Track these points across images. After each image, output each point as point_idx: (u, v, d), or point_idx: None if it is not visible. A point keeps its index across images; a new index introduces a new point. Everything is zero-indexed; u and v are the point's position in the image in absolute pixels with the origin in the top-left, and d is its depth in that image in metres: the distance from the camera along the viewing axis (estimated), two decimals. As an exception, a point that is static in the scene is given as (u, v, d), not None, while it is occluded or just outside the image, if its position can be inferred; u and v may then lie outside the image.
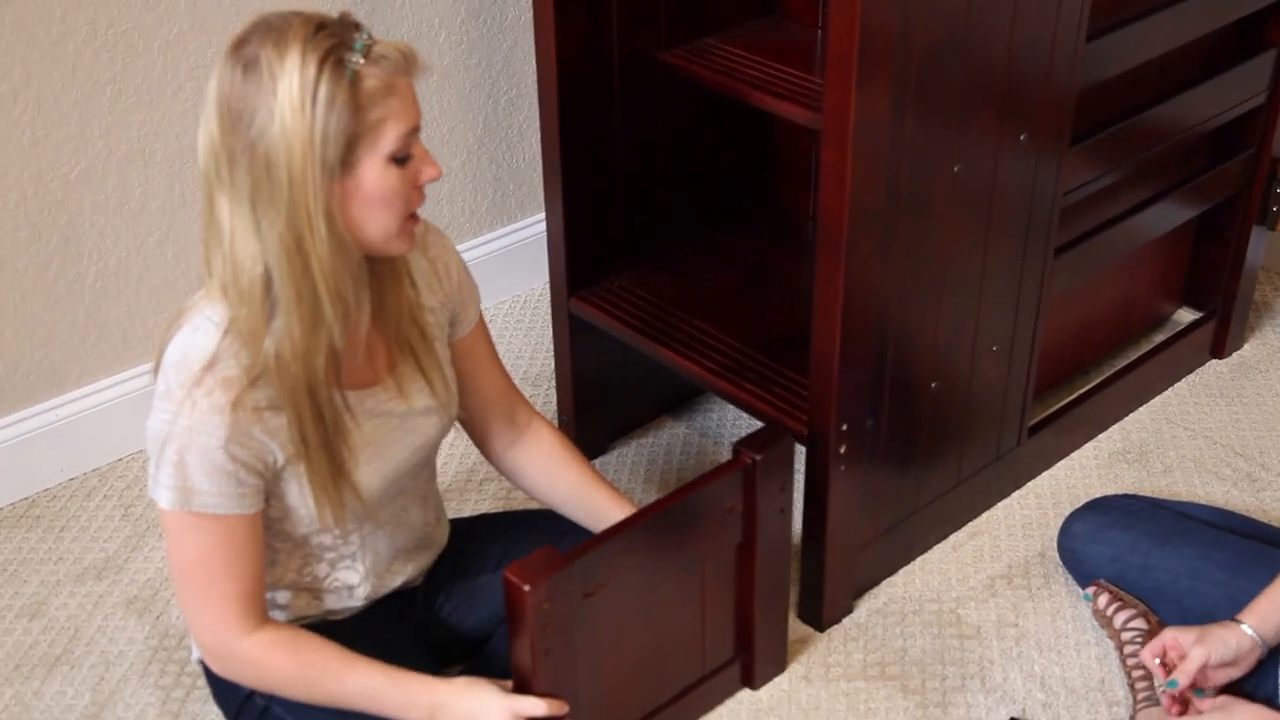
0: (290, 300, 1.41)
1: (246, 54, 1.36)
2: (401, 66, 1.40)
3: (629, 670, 1.70)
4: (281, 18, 1.38)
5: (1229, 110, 2.24)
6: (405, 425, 1.59)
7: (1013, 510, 2.19)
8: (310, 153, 1.35)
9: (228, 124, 1.37)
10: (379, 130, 1.39)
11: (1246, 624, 1.69)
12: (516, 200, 2.69)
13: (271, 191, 1.37)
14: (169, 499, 1.45)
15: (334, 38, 1.36)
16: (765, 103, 1.84)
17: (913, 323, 1.85)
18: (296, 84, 1.34)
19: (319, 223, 1.38)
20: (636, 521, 1.63)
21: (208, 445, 1.43)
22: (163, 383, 1.45)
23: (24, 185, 2.08)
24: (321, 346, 1.44)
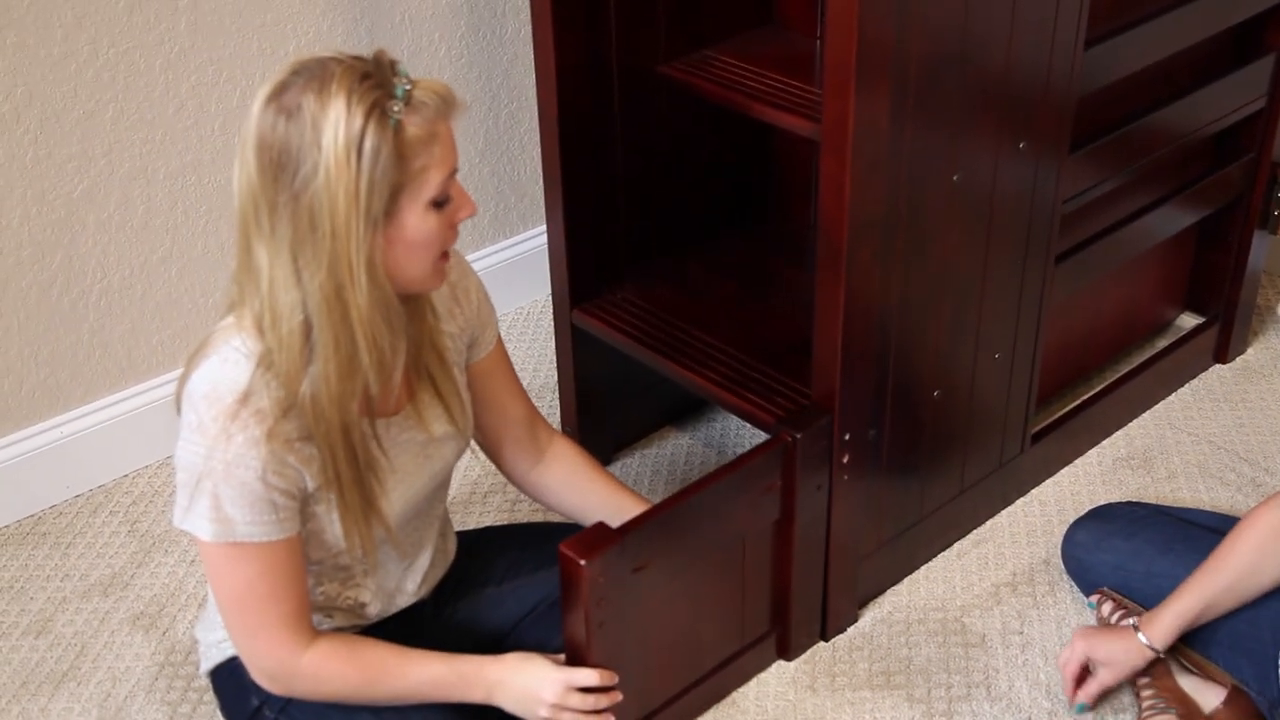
0: (328, 347, 1.41)
1: (287, 102, 1.35)
2: (442, 111, 1.40)
3: (672, 642, 1.77)
4: (321, 65, 1.37)
5: (1229, 115, 2.24)
6: (426, 452, 1.60)
7: (1016, 518, 2.19)
8: (355, 206, 1.35)
9: (269, 174, 1.36)
10: (422, 179, 1.40)
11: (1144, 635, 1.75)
12: (518, 213, 2.69)
13: (314, 243, 1.37)
14: (210, 531, 1.45)
15: (378, 88, 1.36)
16: (765, 114, 1.85)
17: (914, 331, 1.86)
18: (342, 136, 1.33)
19: (360, 274, 1.38)
20: (681, 499, 1.68)
21: (245, 478, 1.43)
22: (193, 415, 1.43)
23: (27, 204, 2.08)
24: (356, 391, 1.44)
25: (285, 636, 1.51)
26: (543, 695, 1.58)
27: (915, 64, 1.64)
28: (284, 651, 1.52)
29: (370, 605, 1.65)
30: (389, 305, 1.43)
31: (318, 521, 1.53)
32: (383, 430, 1.54)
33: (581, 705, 1.60)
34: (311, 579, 1.59)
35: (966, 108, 1.74)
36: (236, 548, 1.46)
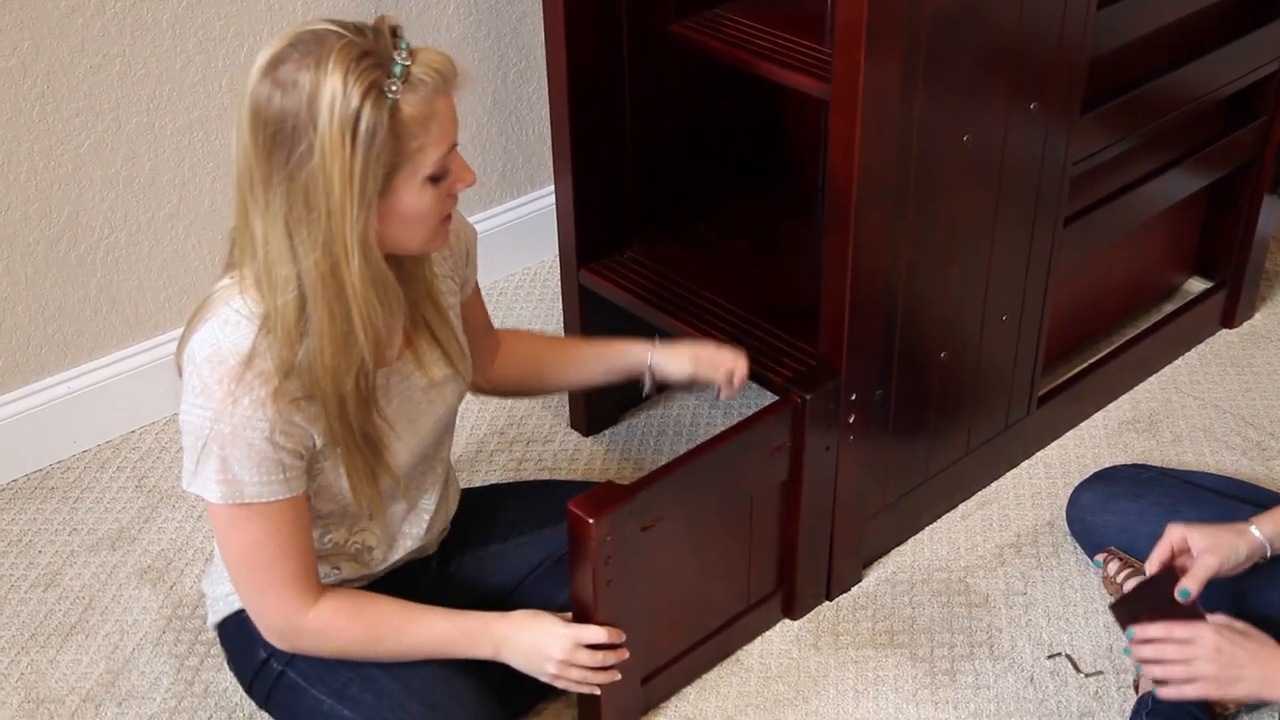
0: (323, 323, 1.41)
1: (283, 76, 1.34)
2: (440, 87, 1.39)
3: (679, 601, 1.78)
4: (318, 38, 1.35)
5: (1241, 78, 2.22)
6: (428, 397, 1.61)
7: (1022, 480, 2.20)
8: (350, 186, 1.35)
9: (264, 148, 1.36)
10: (418, 157, 1.39)
11: (1259, 529, 1.65)
12: (526, 173, 2.69)
13: (310, 222, 1.36)
14: (218, 493, 1.46)
15: (376, 67, 1.34)
16: (775, 73, 1.84)
17: (922, 293, 1.85)
18: (338, 116, 1.32)
19: (354, 253, 1.38)
20: (690, 459, 1.68)
21: (252, 440, 1.43)
22: (196, 378, 1.44)
23: (34, 159, 2.08)
24: (352, 365, 1.44)
25: (292, 594, 1.52)
26: (550, 652, 1.59)
27: (927, 23, 1.63)
28: (291, 609, 1.53)
29: (376, 549, 1.65)
30: (384, 283, 1.42)
31: (325, 476, 1.53)
32: (383, 379, 1.54)
33: (589, 662, 1.61)
34: (319, 528, 1.60)
35: (978, 68, 1.73)
36: (244, 508, 1.47)
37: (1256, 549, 1.66)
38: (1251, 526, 1.66)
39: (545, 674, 1.61)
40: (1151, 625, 1.57)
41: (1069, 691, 1.84)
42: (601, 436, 2.31)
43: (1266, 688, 1.52)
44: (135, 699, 1.86)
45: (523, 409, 2.36)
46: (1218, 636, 1.54)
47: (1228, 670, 1.53)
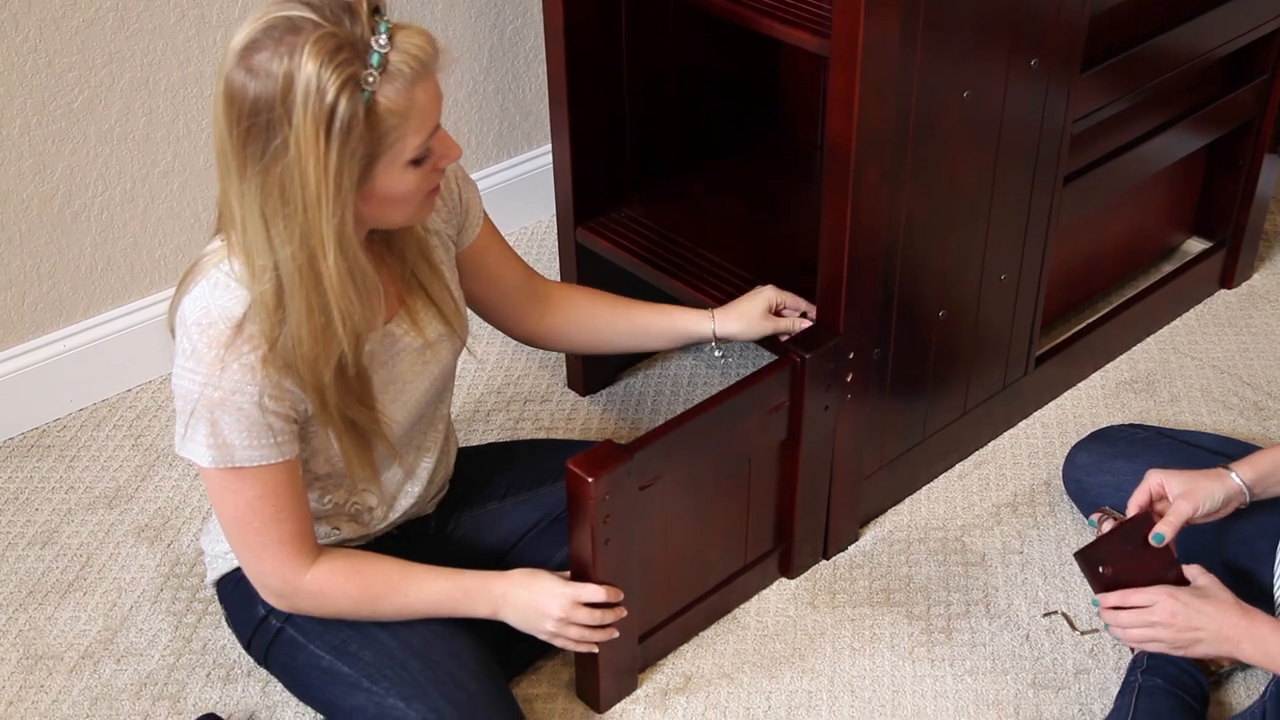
0: (300, 313, 1.40)
1: (257, 65, 1.32)
2: (419, 75, 1.36)
3: (677, 560, 1.78)
4: (293, 25, 1.31)
5: (1242, 36, 2.21)
6: (423, 357, 1.60)
7: (1019, 440, 2.20)
8: (325, 182, 1.33)
9: (238, 138, 1.34)
10: (397, 146, 1.38)
11: (1238, 474, 1.67)
12: (523, 131, 2.67)
13: (285, 215, 1.35)
14: (208, 458, 1.46)
15: (353, 60, 1.31)
16: (773, 29, 1.82)
17: (921, 251, 1.85)
18: (312, 112, 1.30)
19: (330, 247, 1.37)
20: (690, 418, 1.68)
21: (242, 404, 1.43)
22: (186, 342, 1.43)
23: (27, 114, 2.07)
24: (332, 357, 1.44)
25: (289, 555, 1.52)
26: (549, 609, 1.60)
27: (928, -22, 1.62)
28: (288, 570, 1.53)
29: (376, 509, 1.66)
30: (362, 275, 1.41)
31: (319, 440, 1.53)
32: (377, 341, 1.54)
33: (587, 620, 1.61)
34: (318, 489, 1.60)
35: (978, 23, 1.71)
36: (236, 472, 1.47)
37: (1235, 494, 1.68)
38: (1231, 473, 1.68)
39: (543, 632, 1.62)
40: (1110, 595, 1.60)
41: (1065, 649, 1.85)
42: (599, 396, 2.31)
43: (1224, 646, 1.55)
44: (133, 656, 1.87)
45: (520, 368, 2.36)
46: (1173, 601, 1.56)
47: (1185, 634, 1.56)
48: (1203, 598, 1.57)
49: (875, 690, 1.80)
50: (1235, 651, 1.56)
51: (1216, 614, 1.55)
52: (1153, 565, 1.63)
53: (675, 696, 1.80)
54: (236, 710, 1.79)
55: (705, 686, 1.81)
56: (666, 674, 1.83)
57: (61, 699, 1.81)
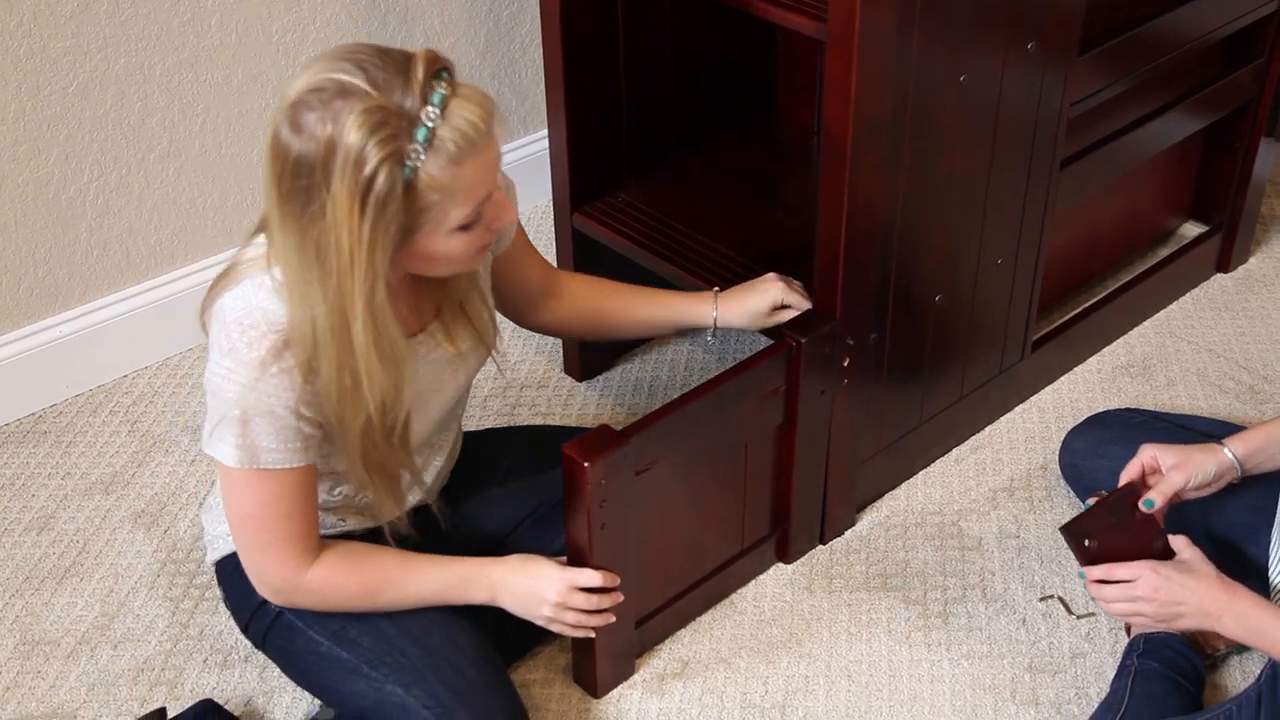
0: (331, 369, 1.41)
1: (304, 124, 1.31)
2: (467, 150, 1.34)
3: (674, 545, 1.79)
4: (344, 89, 1.30)
5: (1239, 18, 2.21)
6: (452, 366, 1.61)
7: (1015, 424, 2.20)
8: (358, 252, 1.33)
9: (280, 192, 1.34)
10: (438, 216, 1.37)
11: (1230, 449, 1.70)
12: (519, 116, 2.66)
13: (320, 274, 1.35)
14: (235, 458, 1.45)
15: (398, 135, 1.29)
16: (770, 13, 1.82)
17: (917, 236, 1.85)
18: (349, 183, 1.30)
19: (361, 315, 1.36)
20: (685, 402, 1.68)
21: (276, 409, 1.43)
22: (224, 339, 1.42)
23: (21, 99, 2.06)
24: (360, 413, 1.44)
25: (293, 554, 1.53)
26: (546, 594, 1.60)
27: (925, -38, 1.61)
28: (290, 569, 1.53)
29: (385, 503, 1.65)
30: (392, 345, 1.41)
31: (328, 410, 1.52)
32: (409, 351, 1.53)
33: (584, 605, 1.61)
34: (329, 481, 1.59)
35: (976, 7, 1.71)
36: (258, 473, 1.47)
37: (1227, 468, 1.70)
38: (1224, 447, 1.70)
39: (540, 617, 1.62)
40: (1095, 569, 1.61)
41: (1061, 633, 1.86)
42: (595, 382, 2.31)
43: (1206, 620, 1.56)
44: (130, 641, 1.87)
45: (516, 354, 2.36)
46: (1156, 576, 1.57)
47: (1167, 608, 1.57)
48: (1186, 572, 1.58)
49: (872, 675, 1.81)
50: (1216, 625, 1.56)
51: (1199, 588, 1.56)
52: (1139, 537, 1.64)
53: (672, 681, 1.81)
54: (234, 695, 1.79)
55: (702, 671, 1.82)
56: (663, 659, 1.84)
57: (59, 684, 1.81)
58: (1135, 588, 1.58)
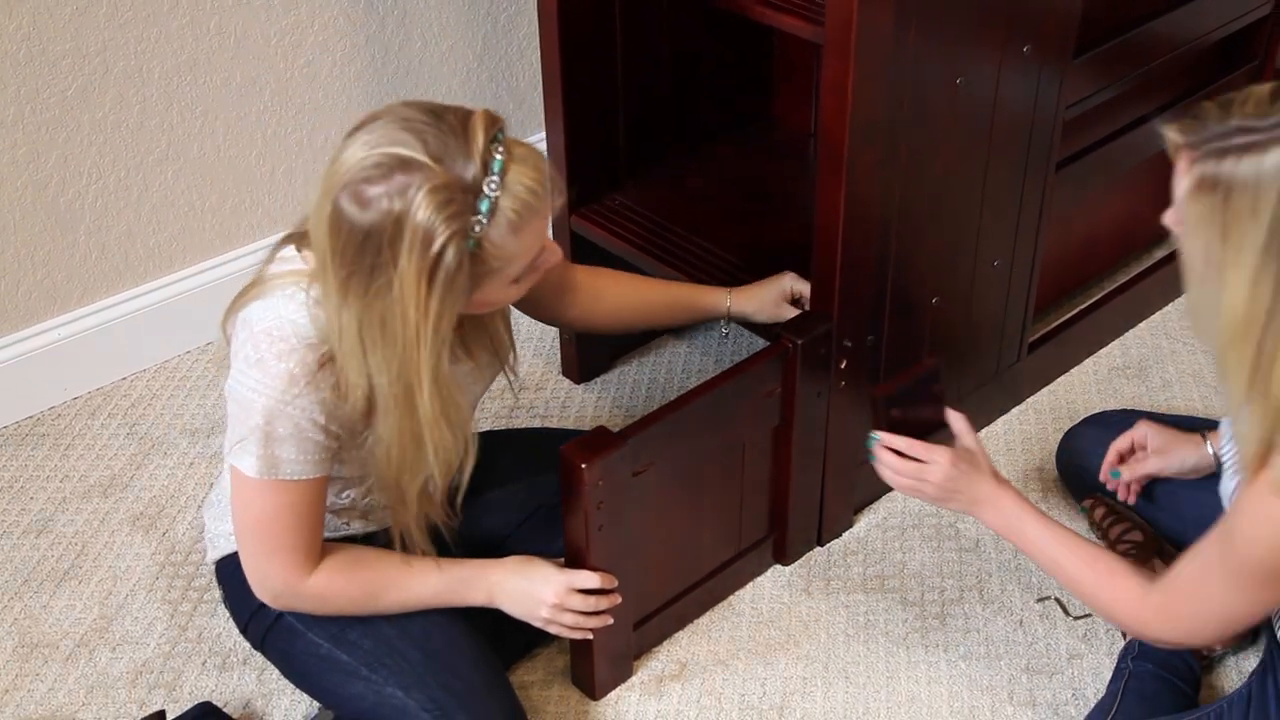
0: (392, 434, 1.42)
1: (369, 199, 1.31)
2: (533, 209, 1.36)
3: (671, 546, 1.79)
4: (406, 167, 1.31)
5: (1233, 21, 2.22)
6: (471, 378, 1.62)
7: (1012, 425, 2.20)
8: (424, 324, 1.35)
9: (345, 264, 1.34)
10: (499, 274, 1.40)
11: (1211, 445, 1.76)
12: (517, 119, 2.67)
13: (384, 345, 1.36)
14: (256, 468, 1.45)
15: (462, 214, 1.31)
16: (767, 16, 1.82)
17: (914, 238, 1.85)
18: (417, 260, 1.31)
19: (427, 384, 1.38)
20: (682, 404, 1.69)
21: (301, 421, 1.43)
22: (251, 349, 1.43)
23: (20, 102, 2.06)
24: (418, 477, 1.45)
25: (297, 561, 1.53)
26: (544, 596, 1.60)
27: (921, -35, 1.62)
28: (293, 575, 1.54)
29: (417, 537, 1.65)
30: (457, 410, 1.43)
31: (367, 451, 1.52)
32: None
33: (582, 606, 1.61)
34: (339, 485, 1.60)
35: (972, 9, 1.72)
36: (274, 483, 1.47)
37: (1205, 463, 1.78)
38: (1207, 442, 1.77)
39: (538, 619, 1.62)
40: (897, 438, 1.64)
41: (1058, 634, 1.86)
42: (593, 384, 2.32)
43: (972, 507, 1.63)
44: (129, 644, 1.87)
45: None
46: (951, 469, 1.61)
47: (946, 492, 1.63)
48: (972, 466, 1.63)
49: (870, 676, 1.81)
50: (978, 515, 1.63)
51: (976, 479, 1.62)
52: (929, 414, 1.69)
53: (670, 683, 1.81)
54: (232, 698, 1.80)
55: (700, 673, 1.82)
56: (662, 661, 1.84)
57: (57, 687, 1.82)
58: (928, 471, 1.62)
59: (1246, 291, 1.23)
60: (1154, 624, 1.47)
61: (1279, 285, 1.22)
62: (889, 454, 1.65)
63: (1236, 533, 1.34)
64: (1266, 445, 1.29)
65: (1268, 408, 1.27)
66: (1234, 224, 1.23)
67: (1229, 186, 1.22)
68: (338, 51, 2.34)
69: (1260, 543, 1.32)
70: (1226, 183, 1.23)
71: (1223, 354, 1.29)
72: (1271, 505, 1.29)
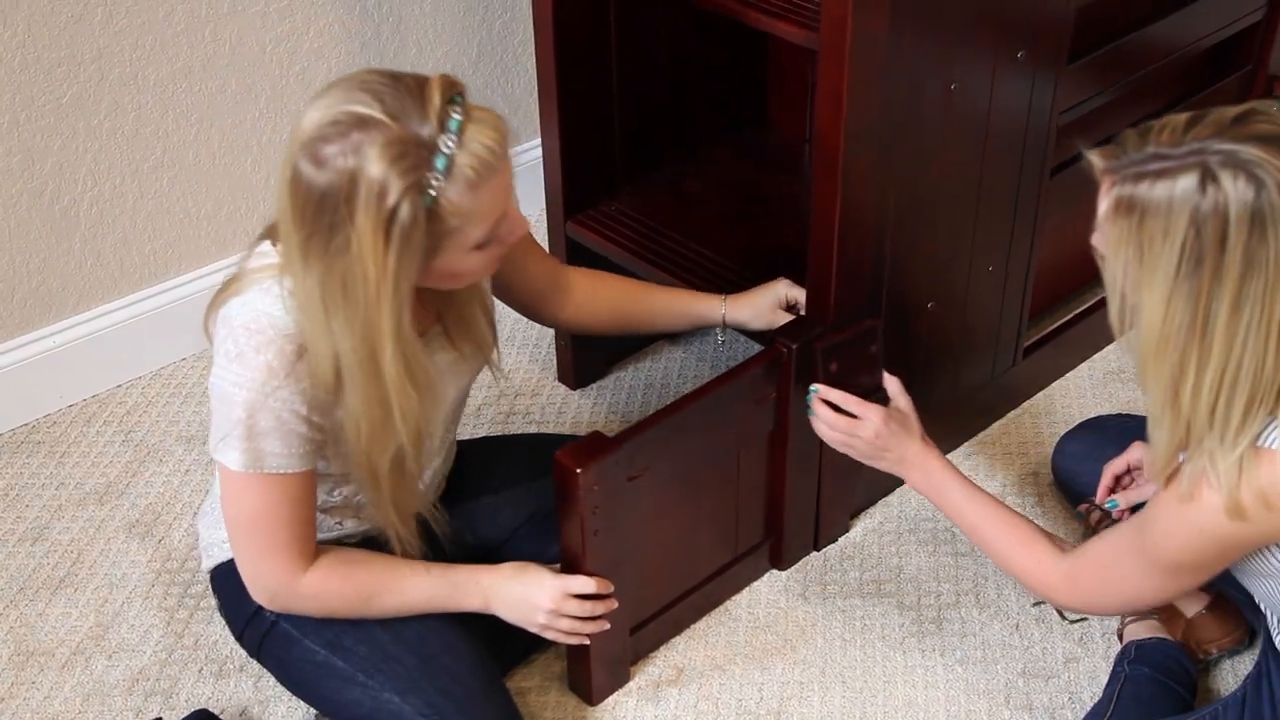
0: (359, 405, 1.41)
1: (325, 158, 1.31)
2: (485, 175, 1.35)
3: (667, 551, 1.79)
4: (362, 122, 1.31)
5: (1226, 27, 2.22)
6: (455, 369, 1.61)
7: (1008, 430, 2.21)
8: (384, 282, 1.34)
9: (301, 226, 1.35)
10: (459, 237, 1.38)
11: None
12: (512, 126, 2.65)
13: (346, 308, 1.36)
14: (240, 461, 1.46)
15: (417, 168, 1.31)
16: (761, 22, 1.83)
17: (909, 243, 1.85)
18: (374, 215, 1.31)
19: (389, 343, 1.38)
20: (677, 409, 1.69)
21: (282, 413, 1.43)
22: (231, 344, 1.43)
23: (15, 109, 2.06)
24: (388, 448, 1.45)
25: (290, 559, 1.53)
26: (539, 602, 1.60)
27: (915, -30, 1.62)
28: (287, 573, 1.54)
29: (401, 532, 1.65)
30: (423, 371, 1.43)
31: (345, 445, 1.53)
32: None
33: (578, 611, 1.61)
34: (330, 483, 1.60)
35: (966, 15, 1.72)
36: (260, 477, 1.47)
37: None
38: None
39: (534, 625, 1.62)
40: (834, 391, 1.71)
41: (1054, 638, 1.86)
42: (589, 390, 2.32)
43: (898, 467, 1.70)
44: (125, 651, 1.87)
45: (510, 362, 2.36)
46: (883, 427, 1.68)
47: (875, 450, 1.70)
48: (904, 428, 1.69)
49: (866, 680, 1.81)
50: (905, 475, 1.70)
51: (906, 440, 1.69)
52: (867, 376, 1.74)
53: (667, 688, 1.81)
54: (229, 706, 1.80)
55: (697, 678, 1.82)
56: (658, 666, 1.84)
57: (53, 695, 1.81)
58: (860, 427, 1.69)
59: (1162, 310, 1.28)
60: (1061, 590, 1.55)
61: (1191, 306, 1.27)
62: (825, 409, 1.71)
63: (1152, 527, 1.41)
64: (1176, 454, 1.35)
65: (1178, 422, 1.33)
66: (1149, 246, 1.27)
67: (1144, 210, 1.27)
68: (332, 59, 2.34)
69: (1173, 538, 1.38)
70: (1141, 206, 1.27)
71: (1142, 369, 1.34)
72: (1182, 512, 1.36)
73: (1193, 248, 1.25)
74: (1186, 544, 1.38)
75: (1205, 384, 1.29)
